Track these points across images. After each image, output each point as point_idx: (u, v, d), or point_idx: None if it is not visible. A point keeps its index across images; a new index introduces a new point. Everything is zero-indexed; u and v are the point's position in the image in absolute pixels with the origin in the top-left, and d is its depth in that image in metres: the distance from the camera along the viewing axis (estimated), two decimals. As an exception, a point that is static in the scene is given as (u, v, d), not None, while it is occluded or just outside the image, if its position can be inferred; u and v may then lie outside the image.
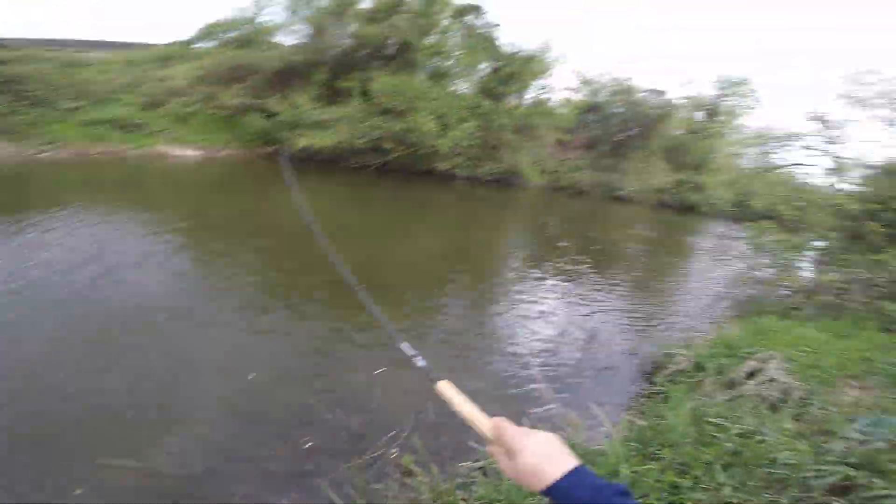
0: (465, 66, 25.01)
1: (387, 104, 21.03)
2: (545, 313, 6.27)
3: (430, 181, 21.96)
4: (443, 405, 0.84)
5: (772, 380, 4.03)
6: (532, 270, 8.62)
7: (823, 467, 2.09)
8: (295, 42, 24.07)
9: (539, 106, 27.23)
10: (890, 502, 1.74)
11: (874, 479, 1.86)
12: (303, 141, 19.59)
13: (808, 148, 19.26)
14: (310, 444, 3.21)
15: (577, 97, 31.79)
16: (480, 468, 2.82)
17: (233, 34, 23.89)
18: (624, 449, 2.70)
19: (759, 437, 2.67)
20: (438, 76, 24.24)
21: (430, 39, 23.88)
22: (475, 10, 25.83)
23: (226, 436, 3.29)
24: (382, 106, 21.16)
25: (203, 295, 5.43)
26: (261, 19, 24.30)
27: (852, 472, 1.97)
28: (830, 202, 12.48)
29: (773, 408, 3.51)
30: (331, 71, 22.43)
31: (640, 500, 2.12)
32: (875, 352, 4.53)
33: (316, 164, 20.07)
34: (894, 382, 3.64)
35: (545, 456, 0.68)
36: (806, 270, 9.41)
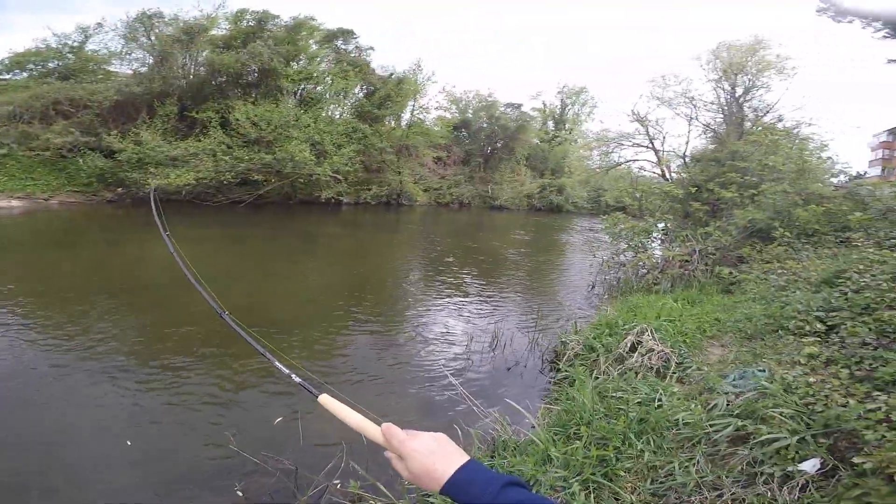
0: (337, 90, 24.63)
1: (252, 134, 19.79)
2: (449, 330, 6.40)
3: (313, 211, 21.07)
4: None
5: (651, 350, 4.62)
6: (429, 290, 8.75)
7: (717, 422, 2.46)
8: (134, 71, 21.54)
9: (416, 126, 28.09)
10: (778, 445, 2.07)
11: (760, 427, 2.23)
12: (155, 180, 17.32)
13: (636, 145, 22.89)
14: (242, 492, 2.88)
15: (449, 115, 33.65)
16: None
17: (53, 64, 20.31)
18: (549, 434, 2.88)
19: (656, 404, 3.07)
20: (309, 102, 23.58)
21: (297, 65, 23.22)
22: (346, 34, 25.71)
23: (149, 499, 2.88)
24: (247, 136, 19.86)
25: (51, 369, 4.42)
26: (89, 47, 21.10)
27: (741, 423, 2.36)
28: (661, 190, 14.92)
29: (659, 374, 4.04)
30: (180, 102, 20.52)
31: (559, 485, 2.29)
32: (721, 313, 5.48)
33: (176, 204, 17.95)
34: (743, 337, 4.44)
35: (435, 455, 0.69)
36: (656, 250, 10.97)
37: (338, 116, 25.62)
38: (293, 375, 1.02)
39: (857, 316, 3.26)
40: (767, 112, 17.88)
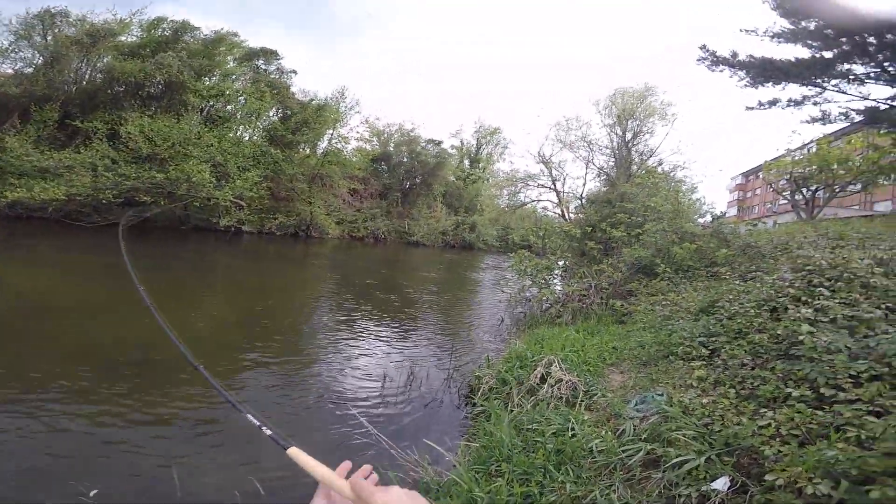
0: (250, 111, 23.33)
1: (144, 150, 17.88)
2: (362, 369, 6.08)
3: (209, 239, 19.28)
4: (266, 476, 0.70)
5: (559, 380, 4.77)
6: (339, 328, 8.26)
7: (628, 447, 2.54)
8: (15, 71, 18.90)
9: (332, 155, 27.39)
10: (688, 466, 2.17)
11: (668, 450, 2.34)
12: (14, 193, 14.74)
13: (540, 186, 24.78)
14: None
15: (369, 147, 33.53)
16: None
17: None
18: (470, 473, 2.77)
19: (570, 433, 3.11)
20: (216, 121, 22.16)
21: (210, 81, 21.86)
22: (268, 54, 24.73)
23: None
24: (138, 152, 17.91)
25: None
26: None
27: (650, 446, 2.45)
28: (561, 230, 16.13)
29: (569, 403, 4.16)
30: (64, 108, 18.15)
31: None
32: (618, 341, 5.89)
33: (41, 223, 15.35)
34: (639, 363, 4.77)
35: None
36: (558, 285, 11.65)
37: (247, 138, 24.24)
38: (264, 428, 1.03)
39: (733, 340, 3.68)
40: (651, 156, 20.60)
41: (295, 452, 0.88)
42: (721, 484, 1.96)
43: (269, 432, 1.01)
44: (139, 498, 2.81)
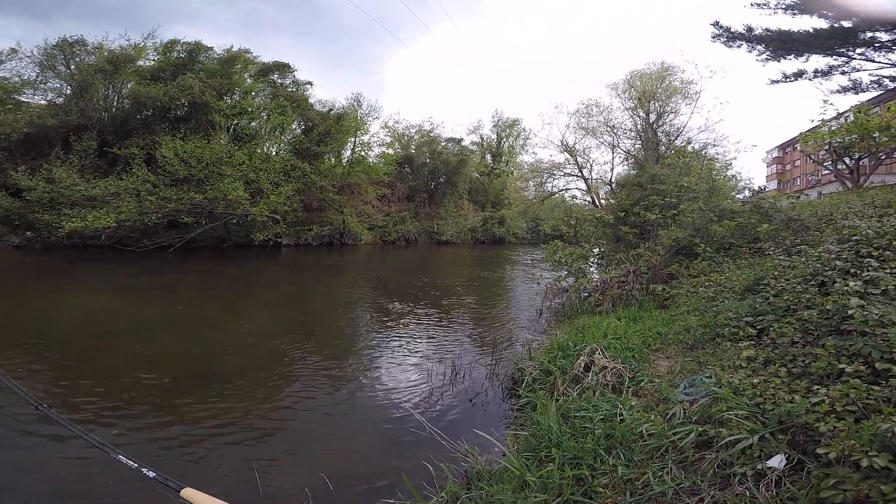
0: (274, 126, 24.07)
1: (181, 172, 18.75)
2: (406, 369, 6.24)
3: (250, 255, 20.05)
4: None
5: (604, 368, 4.77)
6: (380, 331, 8.47)
7: (679, 429, 2.56)
8: (49, 102, 20.03)
9: (358, 163, 27.90)
10: (742, 445, 2.17)
11: (720, 430, 2.35)
12: (70, 223, 15.79)
13: (567, 175, 24.32)
14: None
15: (391, 151, 33.96)
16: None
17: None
18: (521, 460, 2.84)
19: (619, 418, 3.14)
20: (244, 138, 22.94)
21: (231, 100, 22.70)
22: (282, 68, 25.41)
23: None
24: (175, 174, 18.80)
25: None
26: (-1, 74, 19.43)
27: (701, 428, 2.47)
28: (593, 216, 15.83)
29: (615, 390, 4.17)
30: (101, 136, 19.23)
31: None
32: (662, 326, 5.80)
33: (95, 251, 16.40)
34: (685, 347, 4.70)
35: None
36: (594, 273, 11.49)
37: (274, 153, 25.01)
38: (145, 470, 0.89)
39: (781, 318, 3.59)
40: (678, 136, 19.87)
41: (190, 493, 0.80)
42: (777, 462, 1.96)
43: (151, 474, 0.88)
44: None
